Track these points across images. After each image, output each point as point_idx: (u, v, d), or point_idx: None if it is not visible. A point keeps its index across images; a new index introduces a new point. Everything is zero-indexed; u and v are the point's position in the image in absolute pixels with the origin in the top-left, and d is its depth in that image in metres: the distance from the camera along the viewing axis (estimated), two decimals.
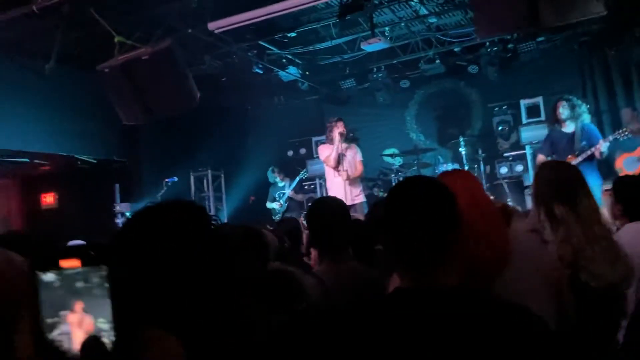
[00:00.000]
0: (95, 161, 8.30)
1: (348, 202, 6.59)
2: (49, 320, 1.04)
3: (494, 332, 1.24)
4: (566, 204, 2.30)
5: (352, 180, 6.70)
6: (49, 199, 8.98)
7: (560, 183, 2.38)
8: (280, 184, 8.95)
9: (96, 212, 8.08)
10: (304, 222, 3.55)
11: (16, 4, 5.57)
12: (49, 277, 1.02)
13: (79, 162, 8.21)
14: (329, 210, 2.68)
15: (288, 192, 8.77)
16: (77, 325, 1.03)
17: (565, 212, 2.28)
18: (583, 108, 5.96)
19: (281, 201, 8.73)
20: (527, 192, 7.64)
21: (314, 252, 2.78)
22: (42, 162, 8.33)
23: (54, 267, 1.02)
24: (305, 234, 3.53)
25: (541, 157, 5.97)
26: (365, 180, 9.60)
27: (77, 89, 7.45)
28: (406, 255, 1.38)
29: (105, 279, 0.99)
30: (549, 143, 6.04)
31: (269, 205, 8.84)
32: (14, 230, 4.96)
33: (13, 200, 9.39)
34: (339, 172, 6.65)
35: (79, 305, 1.03)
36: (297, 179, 8.95)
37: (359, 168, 6.87)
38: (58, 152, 7.80)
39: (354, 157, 6.86)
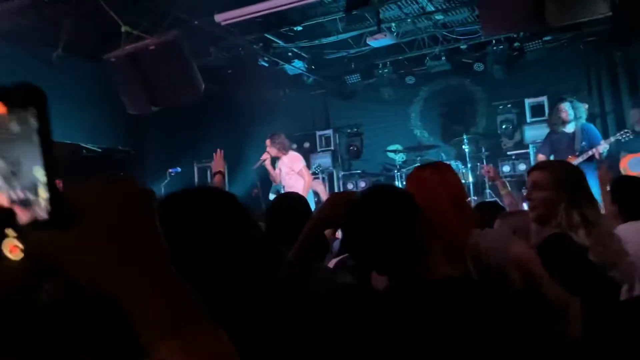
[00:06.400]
0: (100, 150, 8.36)
1: None
2: None
3: (480, 316, 1.30)
4: (594, 206, 2.35)
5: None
6: None
7: (587, 187, 2.41)
8: None
9: None
10: None
11: None
12: None
13: (84, 151, 8.27)
14: (286, 205, 2.66)
15: None
16: None
17: (596, 214, 2.33)
18: (582, 109, 5.99)
19: None
20: None
21: None
22: None
23: None
24: None
25: (541, 157, 5.99)
26: (368, 175, 9.62)
27: (83, 78, 7.49)
28: (381, 261, 1.45)
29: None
30: (549, 143, 6.06)
31: (272, 197, 8.75)
32: None
33: None
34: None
35: None
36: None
37: (305, 179, 6.52)
38: (64, 140, 7.86)
39: (289, 170, 6.62)
